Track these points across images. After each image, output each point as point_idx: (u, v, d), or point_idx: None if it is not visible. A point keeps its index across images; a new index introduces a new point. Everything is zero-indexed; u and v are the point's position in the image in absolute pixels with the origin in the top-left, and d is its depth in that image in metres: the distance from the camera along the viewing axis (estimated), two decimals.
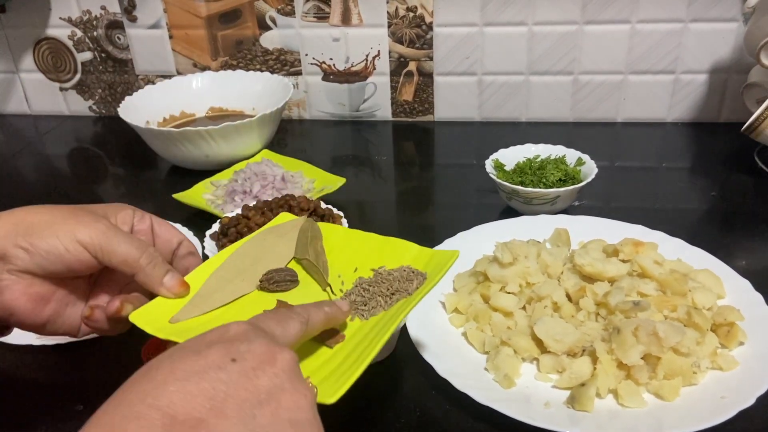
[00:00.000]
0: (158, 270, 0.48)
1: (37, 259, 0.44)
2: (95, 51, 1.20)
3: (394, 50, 1.11)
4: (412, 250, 0.57)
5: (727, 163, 0.98)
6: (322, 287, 0.54)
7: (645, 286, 0.63)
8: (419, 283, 0.53)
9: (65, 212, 0.47)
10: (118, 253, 0.46)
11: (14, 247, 0.44)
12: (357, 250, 0.58)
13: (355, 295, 0.53)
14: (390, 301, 0.51)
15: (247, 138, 0.97)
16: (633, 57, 1.06)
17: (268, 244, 0.56)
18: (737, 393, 0.53)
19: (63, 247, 0.44)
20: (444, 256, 0.55)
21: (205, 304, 0.49)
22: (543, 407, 0.55)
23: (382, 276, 0.54)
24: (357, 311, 0.51)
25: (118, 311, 0.47)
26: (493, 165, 0.87)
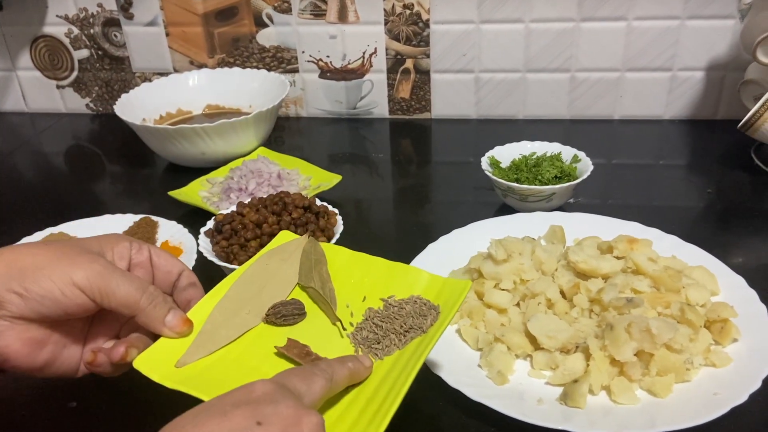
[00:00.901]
0: (159, 310, 0.46)
1: (32, 304, 0.42)
2: (92, 48, 1.20)
3: (391, 48, 1.11)
4: (422, 279, 0.55)
5: (724, 161, 0.98)
6: (331, 320, 0.53)
7: (639, 283, 0.63)
8: (433, 318, 0.51)
9: (59, 252, 0.44)
10: (117, 296, 0.44)
11: (7, 292, 0.42)
12: (364, 275, 0.56)
13: (367, 331, 0.51)
14: (404, 339, 0.50)
15: (243, 135, 0.97)
16: (630, 54, 1.06)
17: (270, 269, 0.55)
18: (730, 390, 0.53)
19: (59, 291, 0.42)
20: (456, 287, 0.53)
21: (210, 342, 0.47)
22: (536, 404, 0.55)
23: (393, 309, 0.52)
24: (370, 349, 0.50)
25: (123, 358, 0.45)
26: (488, 162, 0.87)
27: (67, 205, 0.96)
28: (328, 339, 0.51)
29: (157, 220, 0.83)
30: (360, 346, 0.50)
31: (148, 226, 0.82)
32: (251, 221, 0.71)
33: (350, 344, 0.51)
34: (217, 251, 0.70)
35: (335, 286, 0.54)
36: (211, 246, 0.72)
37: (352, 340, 0.51)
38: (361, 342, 0.50)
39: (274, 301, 0.52)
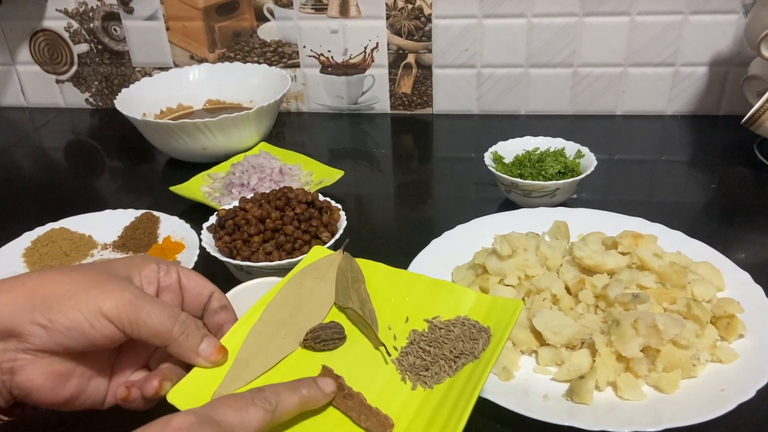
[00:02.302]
0: (193, 339, 0.43)
1: (57, 337, 0.39)
2: (92, 43, 1.19)
3: (393, 42, 1.11)
4: (468, 298, 0.52)
5: (727, 156, 0.98)
6: (374, 344, 0.49)
7: (644, 279, 0.63)
8: (485, 342, 0.47)
9: (85, 279, 0.41)
10: (148, 326, 0.41)
11: (31, 324, 0.39)
12: (405, 294, 0.52)
13: (413, 357, 0.47)
14: (455, 366, 0.46)
15: (244, 130, 0.96)
16: (633, 49, 1.05)
17: (305, 289, 0.52)
18: (737, 386, 0.53)
19: (87, 323, 0.39)
20: (507, 307, 0.49)
21: (247, 371, 0.45)
22: (542, 400, 0.55)
23: (440, 331, 0.49)
24: (419, 378, 0.46)
25: (156, 392, 0.42)
26: (492, 157, 0.86)
27: (68, 200, 0.95)
28: (372, 365, 0.48)
29: (159, 215, 0.82)
30: (407, 372, 0.47)
31: (149, 221, 0.81)
32: (254, 216, 0.70)
33: (396, 371, 0.47)
34: (220, 246, 0.70)
35: (375, 306, 0.51)
36: (213, 241, 0.71)
37: (398, 367, 0.47)
38: (408, 368, 0.47)
39: (311, 324, 0.49)
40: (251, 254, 0.68)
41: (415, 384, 0.46)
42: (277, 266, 0.66)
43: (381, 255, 0.78)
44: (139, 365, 0.46)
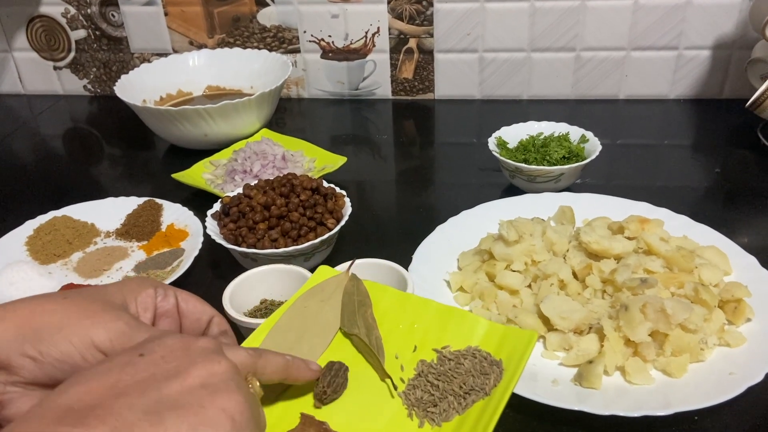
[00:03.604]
0: None
1: (48, 369, 0.37)
2: (89, 29, 1.17)
3: (394, 27, 1.10)
4: (479, 327, 0.49)
5: (731, 140, 0.98)
6: (380, 376, 0.46)
7: (652, 263, 0.63)
8: (497, 377, 0.44)
9: (78, 308, 0.39)
10: None
11: (20, 356, 0.37)
12: (413, 320, 0.50)
13: (421, 391, 0.45)
14: (465, 403, 0.44)
15: (245, 117, 0.95)
16: (636, 33, 1.05)
17: (309, 312, 0.50)
18: (745, 369, 0.53)
19: (78, 355, 0.37)
20: (520, 339, 0.46)
21: None
22: (550, 384, 0.55)
23: (449, 363, 0.47)
24: (426, 414, 0.44)
25: None
26: (496, 143, 0.86)
27: (68, 188, 0.94)
28: (377, 399, 0.45)
29: (162, 202, 0.82)
30: (414, 408, 0.44)
31: (152, 208, 0.81)
32: (259, 203, 0.70)
33: (402, 405, 0.45)
34: (225, 234, 0.69)
35: (382, 333, 0.49)
36: (218, 229, 0.71)
37: (405, 401, 0.45)
38: (415, 404, 0.44)
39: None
40: (257, 241, 0.68)
41: (422, 421, 0.43)
42: (283, 253, 0.66)
43: (386, 242, 0.79)
44: None
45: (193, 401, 0.31)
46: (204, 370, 0.33)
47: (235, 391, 0.32)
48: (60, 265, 0.75)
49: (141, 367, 0.32)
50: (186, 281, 0.70)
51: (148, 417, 0.29)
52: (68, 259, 0.76)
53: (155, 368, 0.32)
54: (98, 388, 0.30)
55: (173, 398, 0.31)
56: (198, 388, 0.32)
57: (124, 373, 0.31)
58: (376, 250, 0.67)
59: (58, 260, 0.75)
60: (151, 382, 0.31)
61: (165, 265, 0.72)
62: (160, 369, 0.32)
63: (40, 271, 0.73)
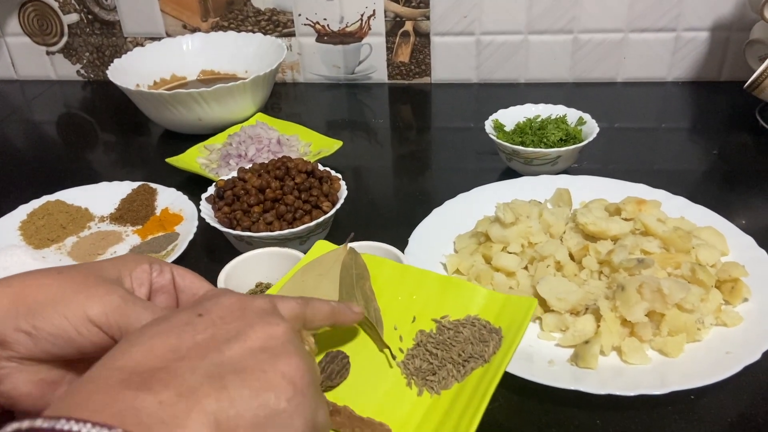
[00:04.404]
0: None
1: (43, 344, 0.37)
2: (82, 13, 1.16)
3: (390, 9, 1.09)
4: (478, 296, 0.49)
5: (728, 122, 0.97)
6: (378, 347, 0.47)
7: (648, 244, 0.62)
8: (496, 345, 0.44)
9: (72, 282, 0.39)
10: None
11: (14, 332, 0.37)
12: (412, 291, 0.50)
13: (420, 360, 0.45)
14: (464, 371, 0.44)
15: (240, 101, 0.94)
16: (634, 14, 1.04)
17: (308, 286, 0.49)
18: (742, 348, 0.53)
19: (73, 330, 0.37)
20: (519, 306, 0.46)
21: None
22: (547, 365, 0.55)
23: (448, 332, 0.46)
24: (425, 383, 0.44)
25: None
26: (492, 126, 0.85)
27: (62, 173, 0.94)
28: (376, 369, 0.46)
29: (156, 187, 0.81)
30: (413, 377, 0.44)
31: (146, 193, 0.80)
32: (254, 186, 0.69)
33: (401, 375, 0.45)
34: (219, 217, 0.69)
35: (380, 305, 0.49)
36: (213, 212, 0.70)
37: (404, 370, 0.45)
38: (414, 372, 0.45)
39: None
40: (251, 224, 0.67)
41: (421, 389, 0.44)
42: (278, 236, 0.66)
43: (382, 226, 0.78)
44: None
45: (255, 365, 0.31)
46: (263, 333, 0.32)
47: (294, 354, 0.32)
48: (54, 250, 0.74)
49: (200, 328, 0.32)
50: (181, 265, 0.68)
51: (211, 381, 0.29)
52: (62, 243, 0.75)
53: (215, 329, 0.32)
54: (160, 349, 0.30)
55: (235, 362, 0.30)
56: (258, 351, 0.31)
57: (185, 334, 0.31)
58: (373, 233, 0.66)
59: (51, 245, 0.75)
60: (212, 344, 0.31)
61: (160, 249, 0.72)
62: (220, 330, 0.32)
63: (34, 256, 0.72)
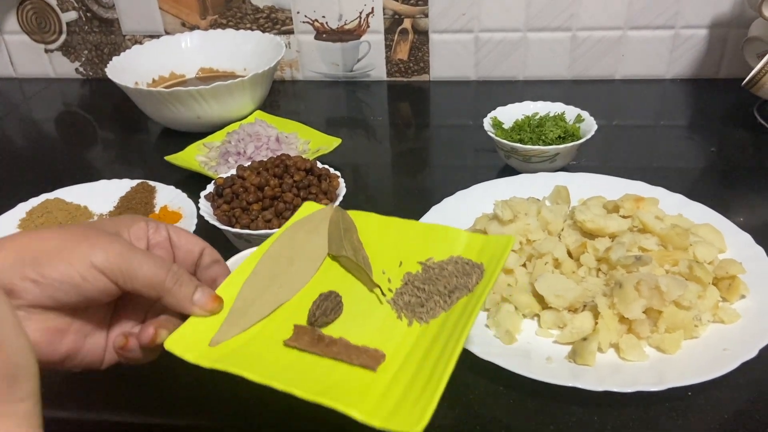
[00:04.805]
0: (186, 288, 0.43)
1: (49, 291, 0.39)
2: (80, 10, 1.16)
3: (389, 7, 1.09)
4: (461, 239, 0.52)
5: (727, 119, 0.97)
6: (368, 288, 0.49)
7: (646, 241, 0.63)
8: (478, 277, 0.47)
9: (75, 235, 0.41)
10: (140, 277, 0.41)
11: (22, 280, 0.38)
12: (398, 240, 0.52)
13: (408, 296, 0.47)
14: (450, 301, 0.46)
15: (239, 98, 0.94)
16: (632, 11, 1.04)
17: (298, 242, 0.51)
18: (739, 345, 0.53)
19: (78, 276, 0.39)
20: (498, 243, 0.49)
21: (243, 319, 0.44)
22: (545, 362, 0.55)
23: (433, 271, 0.49)
24: (414, 314, 0.46)
25: (152, 340, 0.42)
26: (491, 123, 0.85)
27: (61, 171, 0.94)
28: (368, 308, 0.48)
29: (155, 185, 0.81)
30: (402, 311, 0.47)
31: (145, 191, 0.80)
32: (252, 184, 0.69)
33: (392, 310, 0.47)
34: (218, 215, 0.69)
35: (368, 253, 0.51)
36: (212, 210, 0.70)
37: (393, 306, 0.48)
38: (403, 307, 0.47)
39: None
40: (250, 222, 0.67)
41: (411, 320, 0.46)
42: None
43: None
44: (136, 323, 0.46)
45: None
46: None
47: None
48: None
49: None
50: None
51: None
52: None
53: None
54: None
55: None
56: None
57: None
58: None
59: None
60: None
61: None
62: None
63: None
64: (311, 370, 0.42)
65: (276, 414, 0.53)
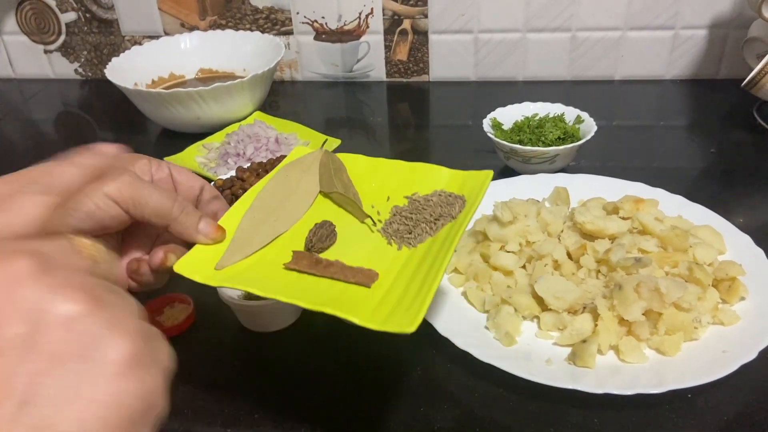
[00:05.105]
0: (192, 218, 0.46)
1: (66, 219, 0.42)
2: (79, 11, 1.16)
3: (388, 7, 1.08)
4: (443, 175, 0.56)
5: (726, 120, 0.97)
6: (359, 219, 0.52)
7: (646, 243, 0.63)
8: (461, 206, 0.51)
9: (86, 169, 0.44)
10: (150, 205, 0.44)
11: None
12: (385, 178, 0.56)
13: (397, 224, 0.51)
14: (435, 227, 0.50)
15: (238, 99, 0.94)
16: (632, 12, 1.04)
17: (292, 180, 0.54)
18: (739, 347, 0.53)
19: (92, 204, 0.42)
20: (478, 178, 0.54)
21: (245, 247, 0.48)
22: (544, 364, 0.55)
23: (419, 203, 0.53)
24: (403, 240, 0.50)
25: (162, 263, 0.45)
26: (490, 124, 0.85)
27: None
28: (360, 236, 0.51)
29: None
30: (392, 238, 0.50)
31: None
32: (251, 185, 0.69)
33: (382, 238, 0.51)
34: None
35: (358, 191, 0.55)
36: None
37: (383, 234, 0.51)
38: (393, 234, 0.50)
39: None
40: None
41: (400, 245, 0.49)
42: None
43: None
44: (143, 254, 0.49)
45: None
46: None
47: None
48: None
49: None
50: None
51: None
52: None
53: None
54: None
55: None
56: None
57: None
58: None
59: None
60: None
61: None
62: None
63: None
64: (311, 287, 0.45)
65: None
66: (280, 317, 0.62)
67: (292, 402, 0.55)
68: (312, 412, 0.54)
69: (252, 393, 0.56)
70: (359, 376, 0.57)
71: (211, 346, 0.61)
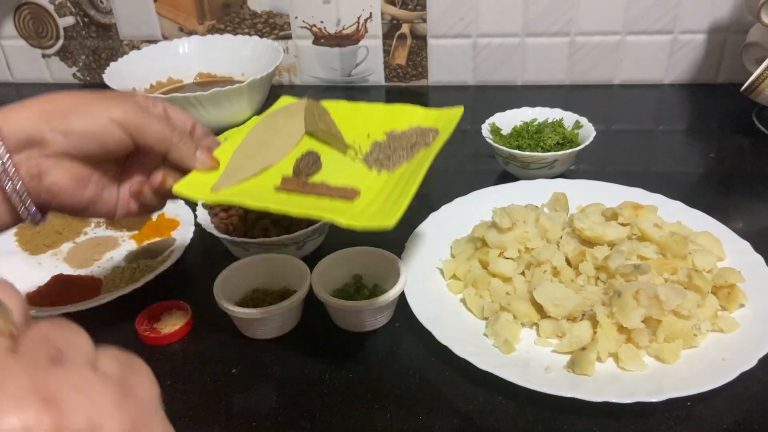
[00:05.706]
0: (189, 146, 0.50)
1: (74, 141, 0.45)
2: (77, 15, 1.16)
3: (387, 12, 1.08)
4: (418, 113, 0.62)
5: (725, 125, 0.97)
6: (342, 151, 0.57)
7: (645, 250, 0.62)
8: (434, 135, 0.58)
9: (92, 96, 0.47)
10: (151, 131, 0.47)
11: (50, 131, 0.44)
12: (365, 119, 0.61)
13: (377, 153, 0.56)
14: (411, 153, 0.56)
15: (237, 104, 0.94)
16: (630, 16, 1.04)
17: (279, 123, 0.59)
18: (738, 355, 0.53)
19: (99, 128, 0.45)
20: (450, 114, 0.60)
21: (239, 173, 0.52)
22: (543, 372, 0.55)
23: (396, 136, 0.58)
24: (382, 165, 0.55)
25: (162, 184, 0.50)
26: (489, 129, 0.85)
27: None
28: (343, 165, 0.56)
29: None
30: (372, 165, 0.55)
31: None
32: None
33: (363, 165, 0.56)
34: (216, 223, 0.69)
35: (341, 130, 0.59)
36: (209, 218, 0.70)
37: (364, 162, 0.56)
38: (373, 162, 0.56)
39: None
40: (248, 230, 0.67)
41: (380, 170, 0.55)
42: (275, 242, 0.66)
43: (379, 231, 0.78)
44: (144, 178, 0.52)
45: None
46: None
47: None
48: (50, 256, 0.74)
49: None
50: (177, 270, 0.70)
51: None
52: (58, 249, 0.75)
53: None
54: None
55: None
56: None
57: None
58: (369, 238, 0.66)
59: (47, 251, 0.75)
60: None
61: (156, 254, 0.72)
62: None
63: (30, 262, 0.72)
64: (300, 202, 0.50)
65: None
66: (278, 325, 0.61)
67: (289, 409, 0.55)
68: (309, 419, 0.54)
69: (249, 400, 0.56)
70: (357, 384, 0.57)
71: (208, 353, 0.61)
